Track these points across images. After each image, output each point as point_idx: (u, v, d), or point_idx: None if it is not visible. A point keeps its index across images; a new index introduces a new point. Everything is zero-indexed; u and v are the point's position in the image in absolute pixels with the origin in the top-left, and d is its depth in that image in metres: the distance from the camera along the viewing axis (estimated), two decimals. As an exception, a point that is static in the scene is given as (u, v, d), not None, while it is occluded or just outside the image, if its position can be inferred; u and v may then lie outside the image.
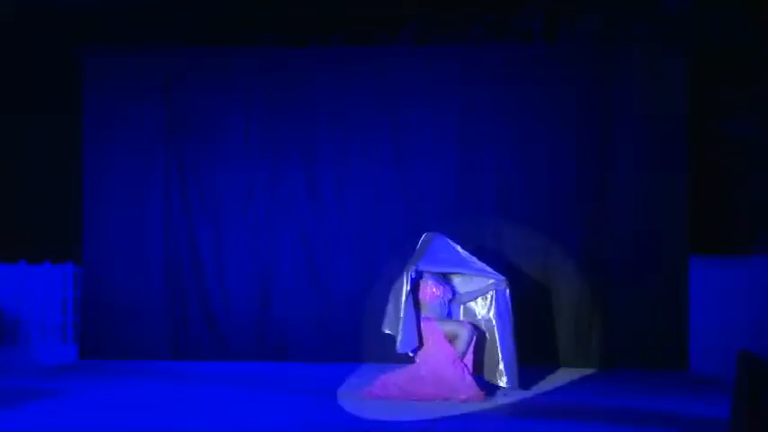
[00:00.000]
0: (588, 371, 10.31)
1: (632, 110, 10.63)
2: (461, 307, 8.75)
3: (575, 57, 10.83)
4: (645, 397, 8.68)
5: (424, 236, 8.71)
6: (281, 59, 11.02)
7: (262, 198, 10.98)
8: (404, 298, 8.21)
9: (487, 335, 8.58)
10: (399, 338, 8.21)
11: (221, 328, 10.90)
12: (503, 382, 8.48)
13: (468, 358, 8.42)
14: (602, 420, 7.54)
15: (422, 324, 8.38)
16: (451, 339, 8.41)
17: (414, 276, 8.31)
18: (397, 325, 8.21)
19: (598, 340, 10.56)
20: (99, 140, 11.02)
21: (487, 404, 8.19)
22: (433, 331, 8.38)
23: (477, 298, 8.70)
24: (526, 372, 8.83)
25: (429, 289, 8.50)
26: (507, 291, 8.57)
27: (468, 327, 8.46)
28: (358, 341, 10.58)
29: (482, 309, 8.68)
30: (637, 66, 10.66)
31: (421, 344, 8.36)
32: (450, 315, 8.64)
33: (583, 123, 10.69)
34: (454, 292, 8.71)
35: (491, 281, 8.62)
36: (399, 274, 8.43)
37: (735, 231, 10.46)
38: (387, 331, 8.34)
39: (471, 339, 8.40)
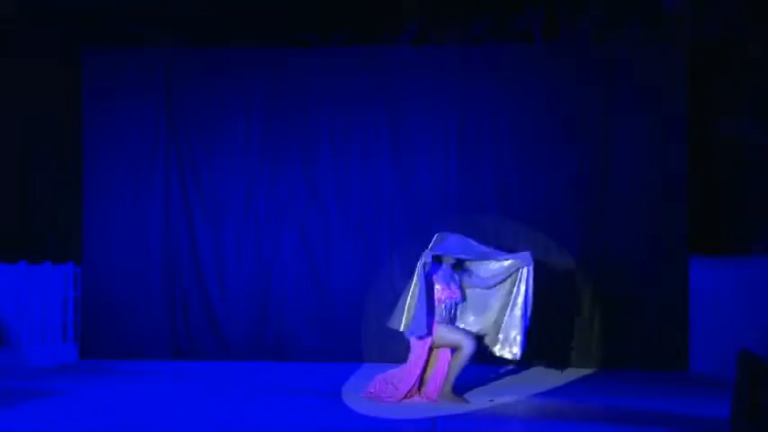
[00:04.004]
0: (588, 371, 10.31)
1: (632, 110, 10.63)
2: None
3: (575, 57, 10.82)
4: (645, 397, 8.67)
5: (436, 236, 8.32)
6: (281, 59, 11.02)
7: (262, 198, 10.98)
8: (413, 286, 7.92)
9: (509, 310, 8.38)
10: (407, 324, 7.89)
11: (221, 327, 10.90)
12: (512, 353, 8.32)
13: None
14: (602, 420, 7.55)
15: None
16: (452, 349, 8.22)
17: (428, 270, 8.02)
18: (403, 314, 7.91)
19: (598, 340, 10.56)
20: (99, 140, 11.02)
21: (485, 405, 8.19)
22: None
23: (505, 280, 8.44)
24: (526, 372, 8.82)
25: (436, 291, 8.25)
26: (531, 265, 8.37)
27: (473, 341, 8.18)
28: (358, 341, 10.58)
29: (511, 285, 8.43)
30: (637, 66, 10.66)
31: (430, 333, 8.12)
32: (453, 318, 8.39)
33: (583, 123, 10.69)
34: (464, 297, 8.44)
35: (515, 261, 8.39)
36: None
37: (735, 231, 10.45)
38: (390, 326, 8.05)
39: (471, 355, 8.16)
